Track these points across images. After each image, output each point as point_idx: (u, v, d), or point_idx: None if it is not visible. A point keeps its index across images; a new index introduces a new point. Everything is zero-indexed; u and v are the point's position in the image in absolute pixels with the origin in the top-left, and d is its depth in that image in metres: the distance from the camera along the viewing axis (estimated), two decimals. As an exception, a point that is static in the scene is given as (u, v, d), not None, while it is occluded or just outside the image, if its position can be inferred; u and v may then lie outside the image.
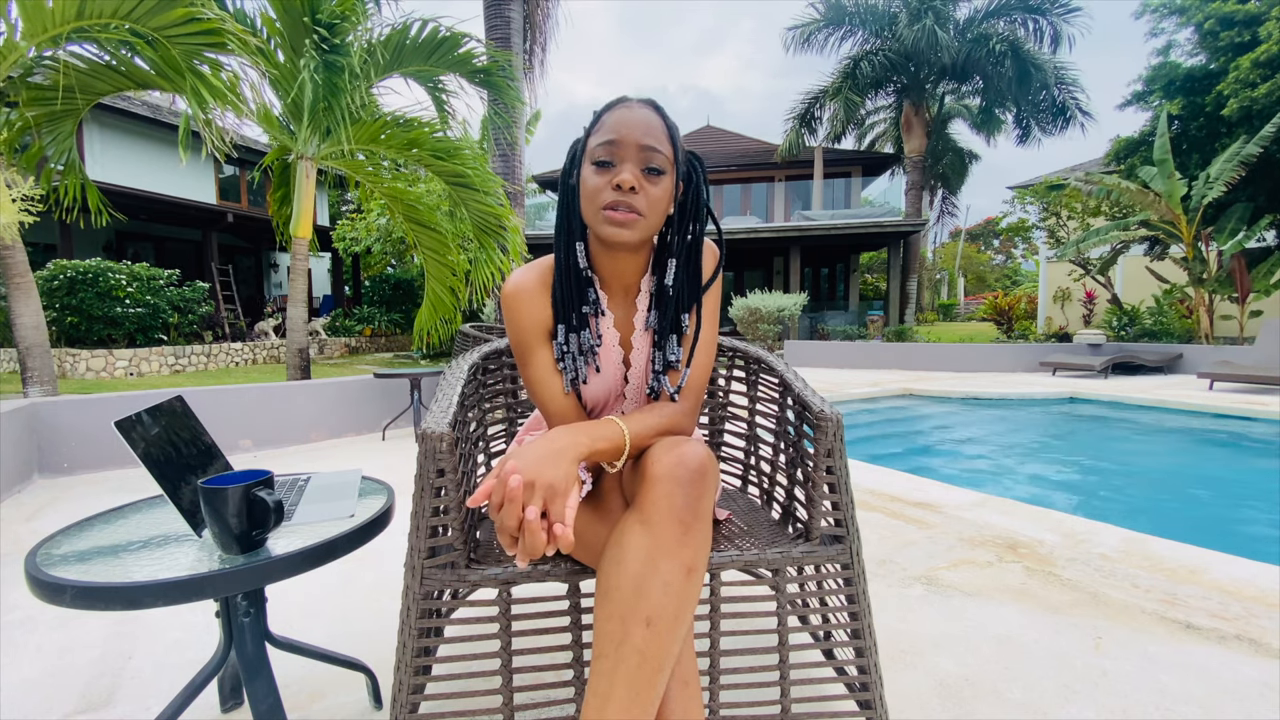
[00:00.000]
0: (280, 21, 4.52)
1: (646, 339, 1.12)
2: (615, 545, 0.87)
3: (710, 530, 0.90)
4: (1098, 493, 3.91)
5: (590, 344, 1.06)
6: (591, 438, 0.92)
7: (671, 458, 0.88)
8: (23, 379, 4.28)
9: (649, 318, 1.10)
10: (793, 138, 16.08)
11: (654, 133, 0.98)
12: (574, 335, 1.05)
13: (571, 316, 1.05)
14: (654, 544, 0.84)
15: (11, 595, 1.91)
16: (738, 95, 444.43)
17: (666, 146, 0.98)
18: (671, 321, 1.07)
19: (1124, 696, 1.34)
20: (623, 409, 1.19)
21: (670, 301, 1.07)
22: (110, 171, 11.69)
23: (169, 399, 1.29)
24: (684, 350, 1.09)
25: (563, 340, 1.05)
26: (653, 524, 0.85)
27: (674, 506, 0.85)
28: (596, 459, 0.94)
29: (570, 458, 0.87)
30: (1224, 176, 8.72)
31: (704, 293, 1.09)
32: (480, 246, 5.42)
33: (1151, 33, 11.37)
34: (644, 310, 1.12)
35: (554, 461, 0.85)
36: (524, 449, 0.88)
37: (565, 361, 1.06)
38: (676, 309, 1.07)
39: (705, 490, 0.88)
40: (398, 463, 3.63)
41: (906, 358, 9.99)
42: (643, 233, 0.99)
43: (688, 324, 1.09)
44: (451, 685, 1.20)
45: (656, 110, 1.01)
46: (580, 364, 1.06)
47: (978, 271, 38.32)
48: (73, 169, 4.48)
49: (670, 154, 0.99)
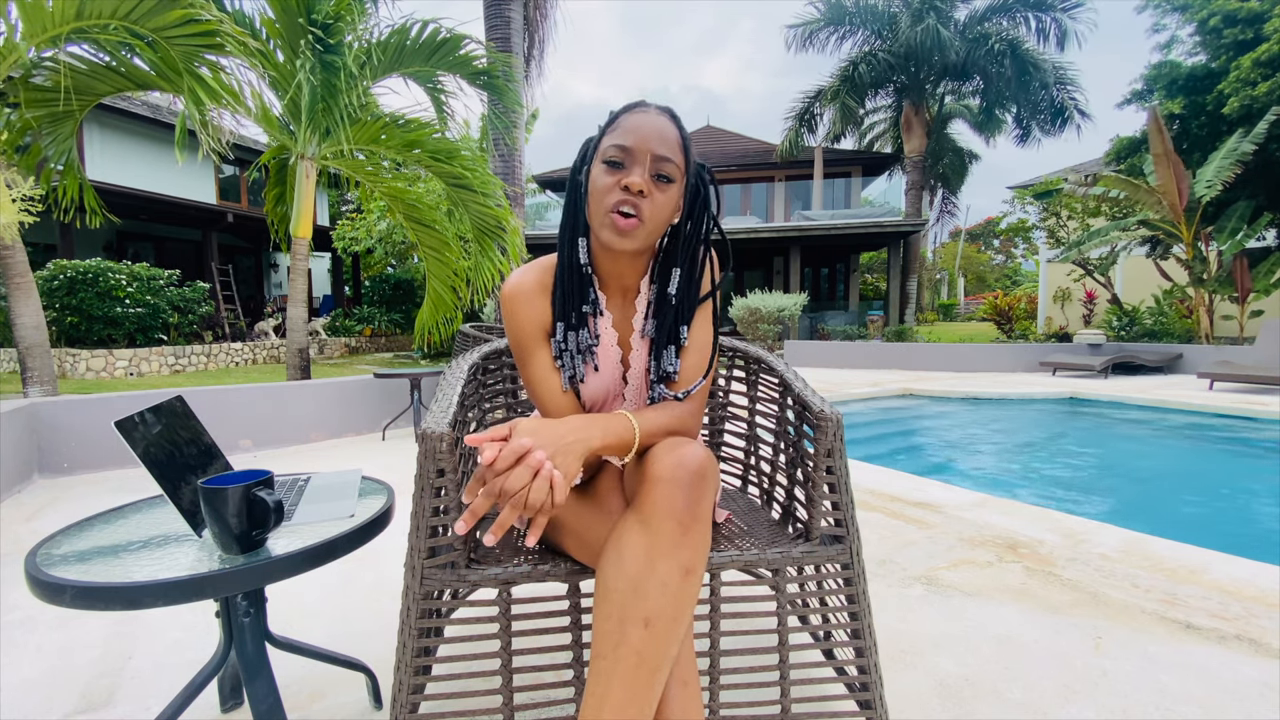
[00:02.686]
0: (279, 22, 4.52)
1: (644, 345, 1.12)
2: (614, 545, 0.87)
3: (709, 532, 0.90)
4: (1098, 493, 3.91)
5: (588, 343, 1.07)
6: (604, 431, 0.93)
7: (672, 459, 0.89)
8: (23, 379, 4.28)
9: (646, 325, 1.11)
10: (792, 137, 16.07)
11: (668, 141, 0.98)
12: (572, 334, 1.06)
13: (571, 315, 1.05)
14: (652, 545, 0.84)
15: (11, 595, 1.91)
16: (739, 95, 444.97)
17: (679, 156, 0.99)
18: (670, 333, 1.07)
19: (1124, 696, 1.34)
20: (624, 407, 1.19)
21: (670, 311, 1.07)
22: (110, 172, 11.69)
23: (169, 399, 1.29)
24: (683, 361, 1.08)
25: (561, 338, 1.06)
26: (652, 525, 0.85)
27: (673, 508, 0.85)
28: (604, 453, 0.94)
29: (578, 453, 0.88)
30: (1221, 175, 8.72)
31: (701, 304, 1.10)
32: (480, 248, 5.42)
33: (1153, 29, 11.36)
34: (644, 310, 1.12)
35: (564, 453, 0.86)
36: (538, 427, 0.88)
37: (563, 359, 1.06)
38: (675, 319, 1.07)
39: (705, 492, 0.88)
40: (398, 463, 3.63)
41: (906, 358, 9.98)
42: (642, 241, 1.00)
43: (686, 336, 1.08)
44: (451, 685, 1.20)
45: (673, 119, 1.02)
46: (578, 362, 1.06)
47: (978, 271, 38.31)
48: (72, 169, 4.48)
49: (681, 164, 1.00)
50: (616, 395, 1.16)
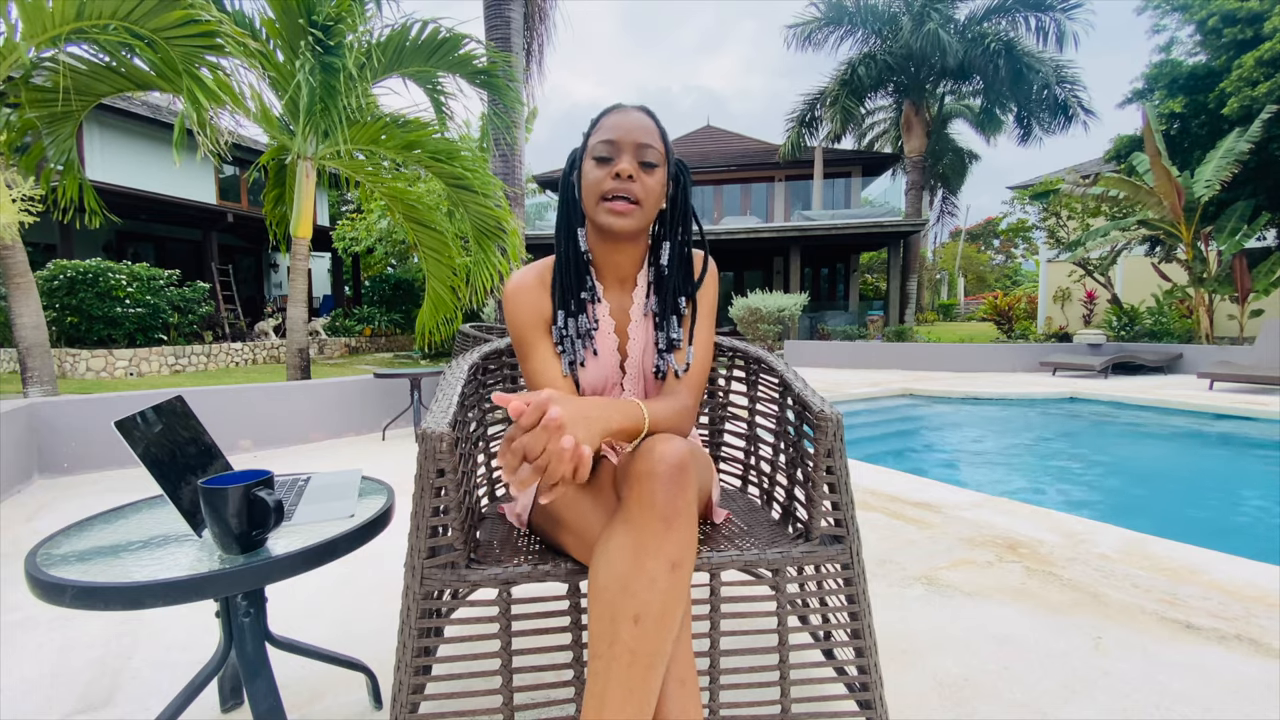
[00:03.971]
0: (280, 22, 4.52)
1: (645, 325, 1.21)
2: (602, 545, 0.89)
3: (695, 524, 0.90)
4: (1098, 493, 3.91)
5: (588, 327, 1.14)
6: (621, 414, 0.96)
7: (651, 456, 0.89)
8: (23, 379, 4.28)
9: (648, 304, 1.20)
10: (793, 139, 16.07)
11: (649, 131, 1.09)
12: (572, 320, 1.13)
13: (570, 302, 1.13)
14: (638, 542, 0.85)
15: (11, 595, 1.91)
16: (740, 95, 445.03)
17: (659, 144, 1.10)
18: (671, 304, 1.17)
19: (1124, 696, 1.34)
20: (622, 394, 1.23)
21: (668, 284, 1.17)
22: (111, 171, 11.70)
23: (169, 399, 1.29)
24: (684, 330, 1.19)
25: (562, 324, 1.13)
26: (635, 522, 0.86)
27: (655, 503, 0.86)
28: (619, 437, 0.96)
29: (599, 430, 0.90)
30: (1220, 175, 8.73)
31: (696, 289, 1.20)
32: (480, 248, 5.42)
33: (1153, 29, 11.36)
34: (641, 300, 1.21)
35: (586, 426, 0.87)
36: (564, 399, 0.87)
37: (564, 345, 1.13)
38: (674, 292, 1.18)
39: (685, 485, 0.88)
40: (398, 463, 3.63)
41: (906, 358, 9.98)
42: (639, 220, 1.09)
43: (685, 307, 1.19)
44: (451, 685, 1.20)
45: (649, 114, 1.13)
46: (578, 346, 1.13)
47: (978, 271, 38.30)
48: (71, 169, 4.48)
49: (662, 151, 1.11)
50: (615, 384, 1.21)
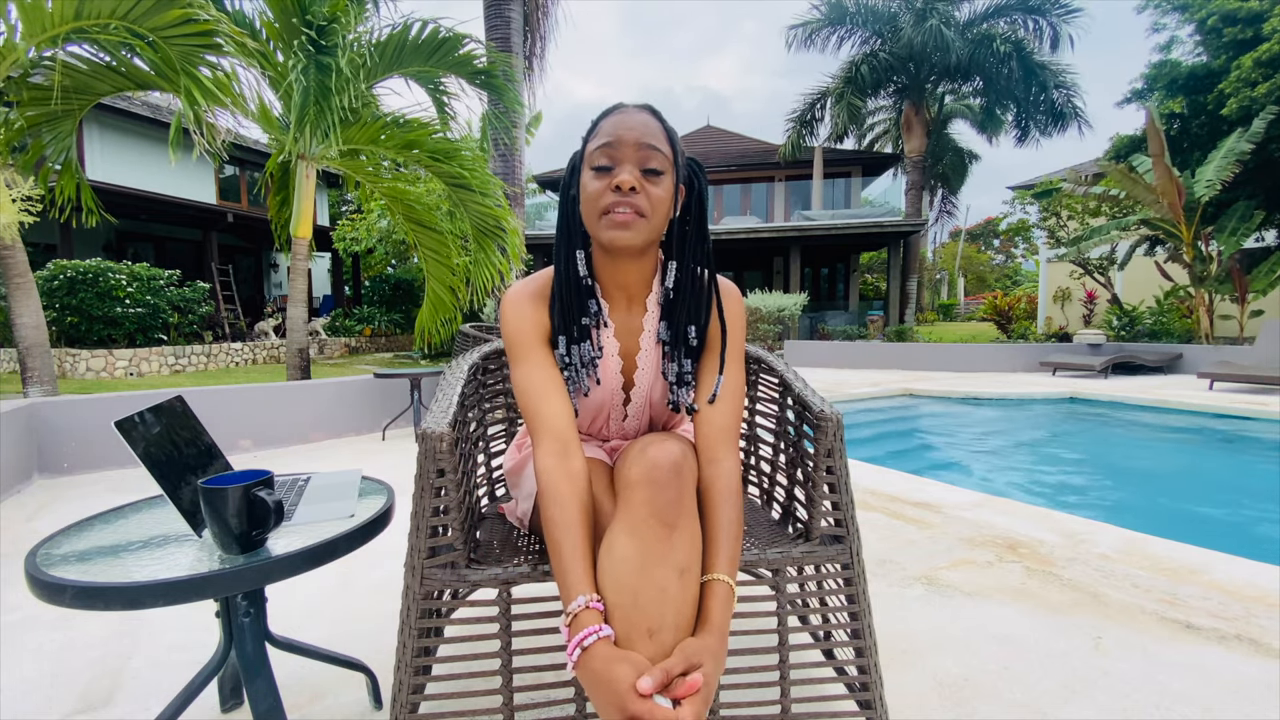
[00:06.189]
0: (278, 22, 4.52)
1: (655, 353, 1.10)
2: (606, 554, 0.85)
3: (698, 527, 0.89)
4: (1098, 492, 3.91)
5: (591, 356, 1.05)
6: (721, 642, 0.83)
7: (646, 460, 0.87)
8: (23, 379, 4.28)
9: (660, 329, 1.07)
10: (794, 139, 16.07)
11: (651, 132, 0.96)
12: (575, 347, 1.04)
13: (573, 329, 1.03)
14: (642, 550, 0.82)
15: (11, 595, 1.91)
16: (742, 95, 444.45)
17: (665, 147, 0.97)
18: (682, 334, 1.04)
19: (1124, 696, 1.34)
20: (623, 422, 1.19)
21: (677, 311, 1.04)
22: (110, 171, 11.69)
23: (169, 399, 1.29)
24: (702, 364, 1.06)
25: (564, 352, 1.03)
26: (638, 531, 0.83)
27: (656, 510, 0.84)
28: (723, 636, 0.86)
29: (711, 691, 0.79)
30: (1220, 175, 8.73)
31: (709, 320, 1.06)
32: (480, 248, 5.42)
33: (1153, 28, 11.36)
34: (652, 326, 1.09)
35: (707, 697, 0.77)
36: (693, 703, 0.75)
37: (569, 374, 1.04)
38: (685, 318, 1.04)
39: (685, 488, 0.87)
40: (398, 463, 3.63)
41: (906, 358, 9.98)
42: (645, 234, 0.97)
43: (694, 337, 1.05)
44: (451, 685, 1.20)
45: (654, 114, 1.00)
46: (583, 376, 1.05)
47: (978, 271, 38.29)
48: (70, 169, 4.48)
49: (669, 155, 0.97)
50: (615, 407, 1.15)
